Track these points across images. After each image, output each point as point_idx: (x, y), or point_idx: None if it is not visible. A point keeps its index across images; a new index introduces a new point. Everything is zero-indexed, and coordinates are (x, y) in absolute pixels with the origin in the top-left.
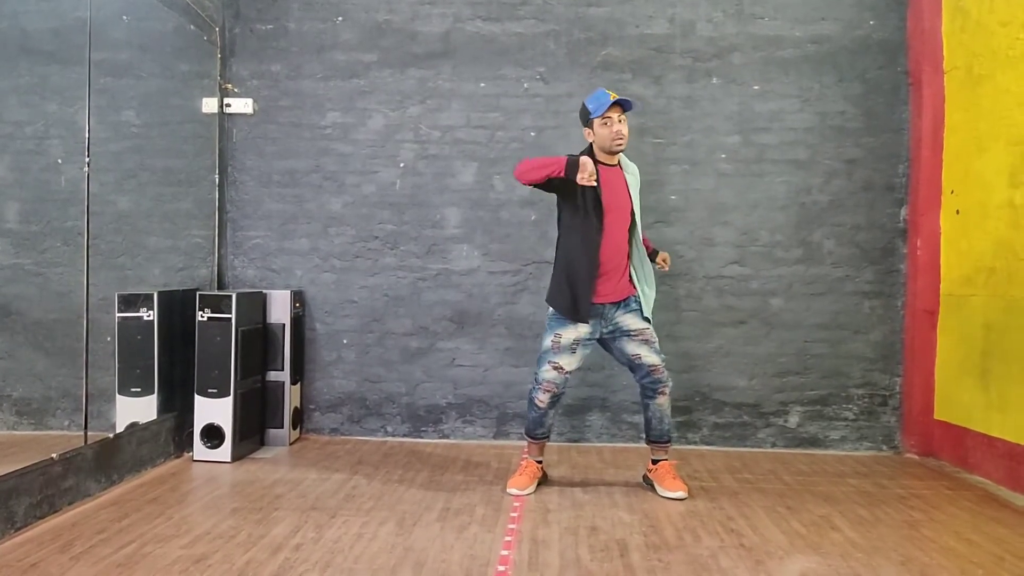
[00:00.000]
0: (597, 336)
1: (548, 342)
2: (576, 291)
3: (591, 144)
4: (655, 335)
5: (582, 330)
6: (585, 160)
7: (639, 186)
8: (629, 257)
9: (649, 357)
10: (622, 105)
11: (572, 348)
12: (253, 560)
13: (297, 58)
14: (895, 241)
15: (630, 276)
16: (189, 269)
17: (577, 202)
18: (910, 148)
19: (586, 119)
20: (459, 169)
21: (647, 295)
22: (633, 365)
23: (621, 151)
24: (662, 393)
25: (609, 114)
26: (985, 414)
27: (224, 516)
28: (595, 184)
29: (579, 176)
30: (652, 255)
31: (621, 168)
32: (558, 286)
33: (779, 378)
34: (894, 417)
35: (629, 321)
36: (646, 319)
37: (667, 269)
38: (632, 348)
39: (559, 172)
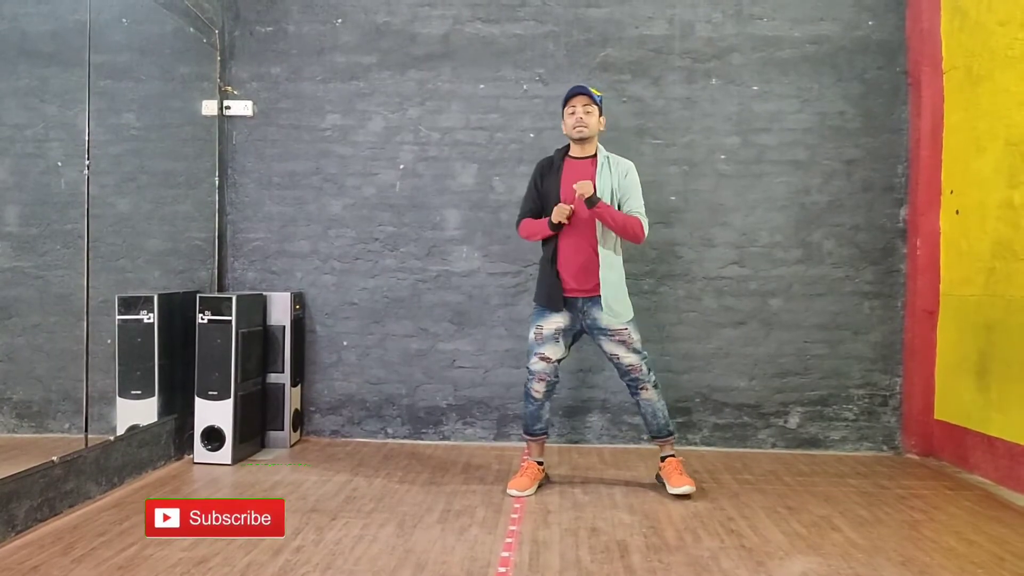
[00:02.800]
0: (578, 327)
1: (531, 335)
2: (547, 282)
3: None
4: (634, 334)
5: (560, 321)
6: (556, 209)
7: (626, 181)
8: (598, 252)
9: (627, 357)
10: (585, 93)
11: (555, 337)
12: (254, 562)
13: (297, 60)
14: (895, 241)
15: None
16: (189, 271)
17: (548, 200)
18: (909, 148)
19: (562, 112)
20: (459, 171)
21: (611, 305)
22: (613, 364)
23: (580, 138)
24: (644, 389)
25: (572, 103)
26: (985, 414)
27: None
28: (566, 218)
29: (559, 219)
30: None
31: (595, 161)
32: (537, 281)
33: (779, 379)
34: (894, 417)
35: (605, 319)
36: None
37: (576, 197)
38: (610, 348)
39: (548, 231)
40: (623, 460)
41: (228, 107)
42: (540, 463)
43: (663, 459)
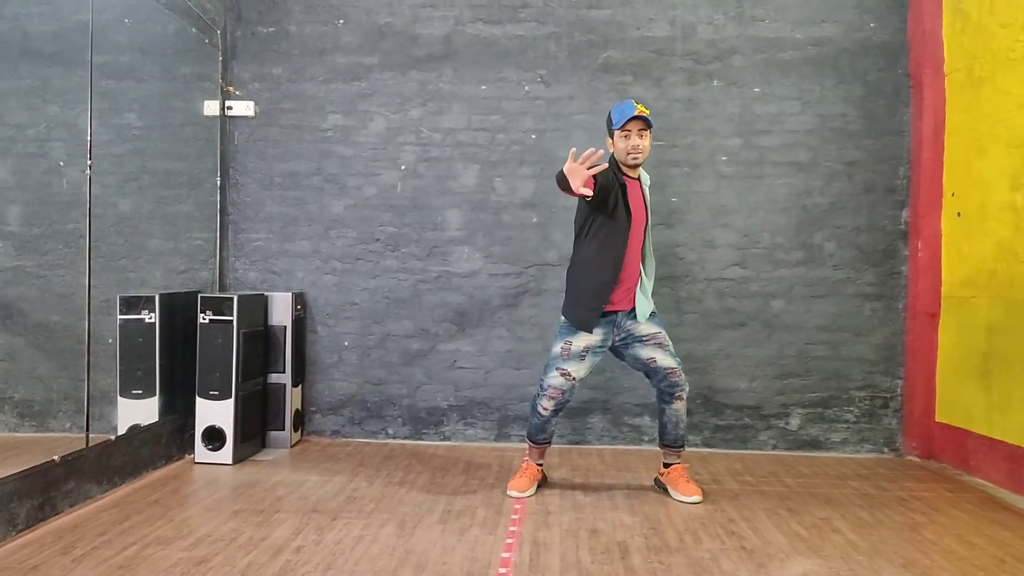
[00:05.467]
0: (609, 344)
1: (558, 348)
2: (590, 300)
3: (612, 155)
4: (668, 339)
5: (593, 338)
6: (568, 170)
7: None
8: (643, 268)
9: (665, 360)
10: (645, 121)
11: (581, 355)
12: (254, 563)
13: (298, 61)
14: (896, 243)
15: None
16: (190, 271)
17: (607, 211)
18: (911, 150)
19: (609, 129)
20: (460, 171)
21: (642, 302)
22: (649, 370)
23: (637, 164)
24: (679, 398)
25: (628, 127)
26: (986, 416)
27: (225, 518)
28: (593, 185)
29: (573, 185)
30: None
31: (640, 182)
32: (574, 297)
33: (780, 380)
34: (895, 419)
35: (641, 327)
36: (658, 323)
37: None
38: (646, 353)
39: (569, 185)
40: (624, 461)
41: (230, 107)
42: (540, 464)
43: (667, 465)
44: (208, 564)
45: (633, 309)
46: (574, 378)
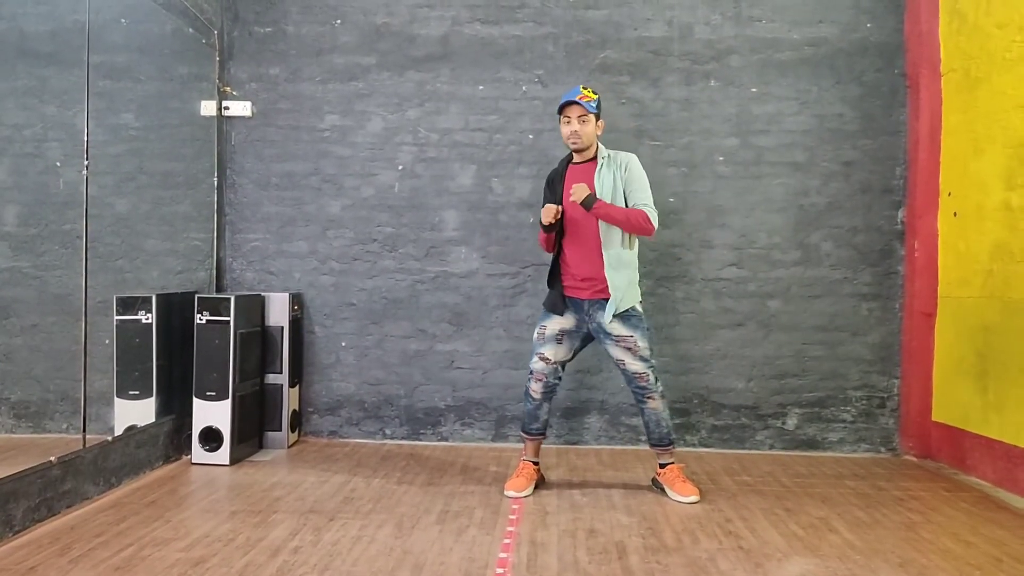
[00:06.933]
0: (585, 330)
1: (535, 334)
2: (551, 286)
3: None
4: (642, 341)
5: (565, 322)
6: (543, 211)
7: (627, 175)
8: (602, 254)
9: (633, 364)
10: (581, 106)
11: (557, 339)
12: (252, 563)
13: (296, 61)
14: (893, 243)
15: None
16: (187, 272)
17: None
18: (907, 150)
19: None
20: (457, 172)
21: (615, 295)
22: (619, 370)
23: (578, 149)
24: (650, 399)
25: (567, 113)
26: (983, 416)
27: (223, 519)
28: (556, 219)
29: (546, 221)
30: None
31: (596, 161)
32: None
33: (777, 380)
34: (892, 419)
35: (613, 326)
36: (632, 325)
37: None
38: (616, 353)
39: (544, 235)
40: (621, 461)
41: (227, 108)
42: (536, 463)
43: (663, 465)
44: (205, 565)
45: (602, 301)
46: (553, 362)
